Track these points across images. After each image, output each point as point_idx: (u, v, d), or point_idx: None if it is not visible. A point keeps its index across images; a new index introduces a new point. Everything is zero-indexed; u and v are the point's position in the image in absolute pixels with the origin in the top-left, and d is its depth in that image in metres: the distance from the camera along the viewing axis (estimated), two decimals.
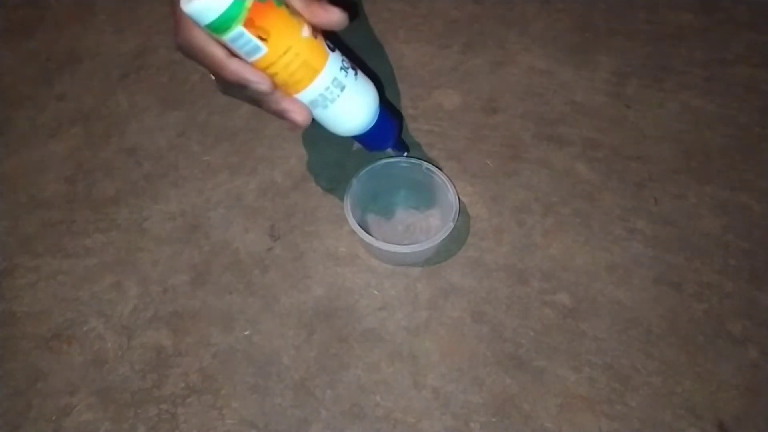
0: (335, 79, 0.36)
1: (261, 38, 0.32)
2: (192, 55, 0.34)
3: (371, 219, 0.51)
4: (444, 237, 0.44)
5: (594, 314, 0.45)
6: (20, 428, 0.42)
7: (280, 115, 0.36)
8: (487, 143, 0.55)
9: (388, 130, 0.43)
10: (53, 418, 0.42)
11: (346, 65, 0.37)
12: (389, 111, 0.43)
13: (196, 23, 0.32)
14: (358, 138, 0.42)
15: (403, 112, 0.57)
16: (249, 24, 0.31)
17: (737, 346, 0.43)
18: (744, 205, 0.50)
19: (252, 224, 0.51)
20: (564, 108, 0.57)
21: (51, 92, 0.61)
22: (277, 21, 0.32)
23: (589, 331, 0.44)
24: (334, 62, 0.36)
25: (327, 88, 0.36)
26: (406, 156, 0.48)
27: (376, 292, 0.47)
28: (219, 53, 0.33)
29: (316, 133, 0.56)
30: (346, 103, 0.37)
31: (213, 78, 0.39)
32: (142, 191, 0.53)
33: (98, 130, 0.58)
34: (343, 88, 0.37)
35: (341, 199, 0.49)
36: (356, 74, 0.38)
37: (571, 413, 0.41)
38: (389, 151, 0.47)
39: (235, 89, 0.36)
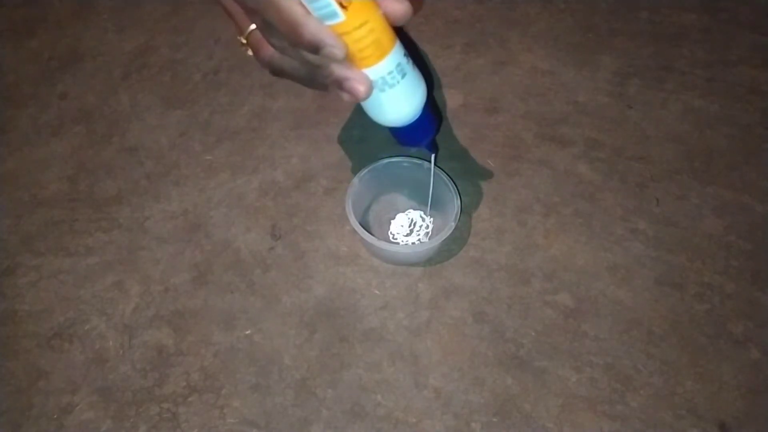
0: (399, 64, 0.35)
1: (341, 5, 0.30)
2: (265, 7, 0.32)
3: (373, 219, 0.51)
4: (445, 237, 0.44)
5: (595, 314, 0.45)
6: (22, 426, 0.42)
7: (341, 84, 0.34)
8: (488, 143, 0.55)
9: (428, 127, 0.41)
10: (55, 416, 0.42)
11: (407, 53, 0.36)
12: (432, 106, 0.42)
13: None
14: (397, 130, 0.40)
15: None
16: None
17: (739, 346, 0.43)
18: (746, 205, 0.50)
19: (253, 224, 0.51)
20: (566, 108, 0.57)
21: (53, 91, 0.61)
22: None
23: (590, 332, 0.44)
24: (400, 47, 0.35)
25: (390, 72, 0.35)
26: (434, 157, 0.46)
27: (377, 291, 0.47)
28: (299, 9, 0.31)
29: (317, 132, 0.56)
30: (403, 91, 0.36)
31: (250, 53, 0.37)
32: (143, 190, 0.53)
33: (100, 129, 0.58)
34: (404, 75, 0.35)
35: (343, 198, 0.49)
36: (413, 65, 0.37)
37: (572, 413, 0.41)
38: (421, 149, 0.44)
39: (286, 63, 0.34)
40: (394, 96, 0.36)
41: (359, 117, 0.57)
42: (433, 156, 0.46)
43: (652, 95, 0.58)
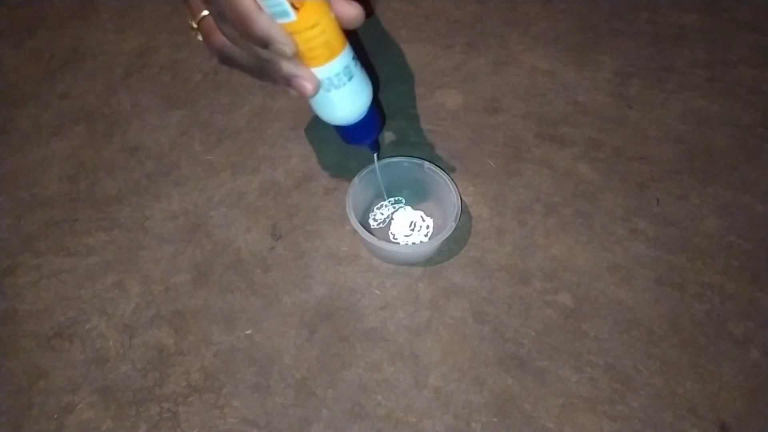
0: (347, 66, 0.36)
1: (293, 6, 0.31)
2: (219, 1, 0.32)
3: (373, 219, 0.51)
4: (446, 237, 0.44)
5: (595, 314, 0.45)
6: (22, 426, 0.42)
7: (288, 81, 0.35)
8: (489, 143, 0.55)
9: (372, 128, 0.42)
10: (55, 416, 0.42)
11: (355, 56, 0.37)
12: (377, 108, 0.43)
13: None
14: (341, 129, 0.42)
15: (405, 112, 0.57)
16: None
17: (739, 346, 0.43)
18: (746, 206, 0.50)
19: (254, 223, 0.51)
20: (566, 108, 0.57)
21: (53, 91, 0.61)
22: None
23: (590, 332, 0.44)
24: (349, 50, 0.36)
25: (337, 74, 0.36)
26: (376, 155, 0.47)
27: (377, 291, 0.47)
28: (251, 3, 0.32)
29: (318, 132, 0.56)
30: (349, 92, 0.37)
31: (200, 38, 0.38)
32: (144, 190, 0.53)
33: (101, 128, 0.58)
34: (351, 78, 0.37)
35: (343, 198, 0.49)
36: (361, 67, 0.38)
37: (572, 414, 0.41)
38: (362, 147, 0.45)
39: (236, 53, 0.35)
40: (340, 97, 0.37)
41: None
42: (375, 155, 0.46)
43: (652, 95, 0.58)
